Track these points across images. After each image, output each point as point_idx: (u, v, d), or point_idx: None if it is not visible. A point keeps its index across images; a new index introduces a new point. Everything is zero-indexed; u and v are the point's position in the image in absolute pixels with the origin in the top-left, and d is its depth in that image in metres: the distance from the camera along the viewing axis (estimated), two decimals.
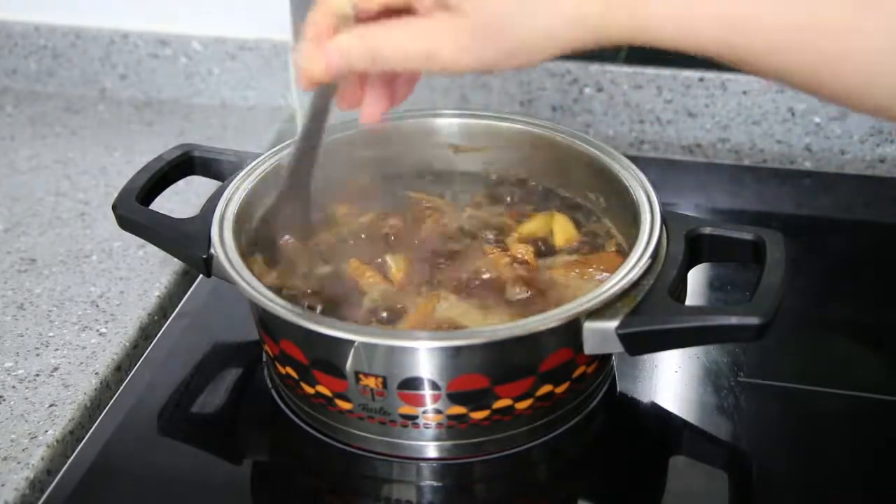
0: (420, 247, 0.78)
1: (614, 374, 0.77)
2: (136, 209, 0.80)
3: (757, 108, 1.05)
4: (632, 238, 0.72)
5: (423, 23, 0.59)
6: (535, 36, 0.58)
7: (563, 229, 0.79)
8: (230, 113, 1.16)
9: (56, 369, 0.79)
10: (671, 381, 0.78)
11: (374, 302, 0.73)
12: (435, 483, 0.71)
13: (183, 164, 0.85)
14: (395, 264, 0.76)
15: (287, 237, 0.77)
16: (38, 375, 0.79)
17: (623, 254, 0.76)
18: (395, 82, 0.67)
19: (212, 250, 0.74)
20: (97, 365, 0.80)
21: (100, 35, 1.17)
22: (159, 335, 0.83)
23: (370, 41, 0.60)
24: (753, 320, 0.65)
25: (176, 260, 0.86)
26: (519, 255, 0.76)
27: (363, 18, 0.61)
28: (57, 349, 0.81)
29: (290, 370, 0.71)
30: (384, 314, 0.72)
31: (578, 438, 0.73)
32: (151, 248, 0.90)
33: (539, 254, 0.77)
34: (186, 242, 0.76)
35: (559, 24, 0.57)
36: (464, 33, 0.58)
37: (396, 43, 0.59)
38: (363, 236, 0.79)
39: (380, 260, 0.76)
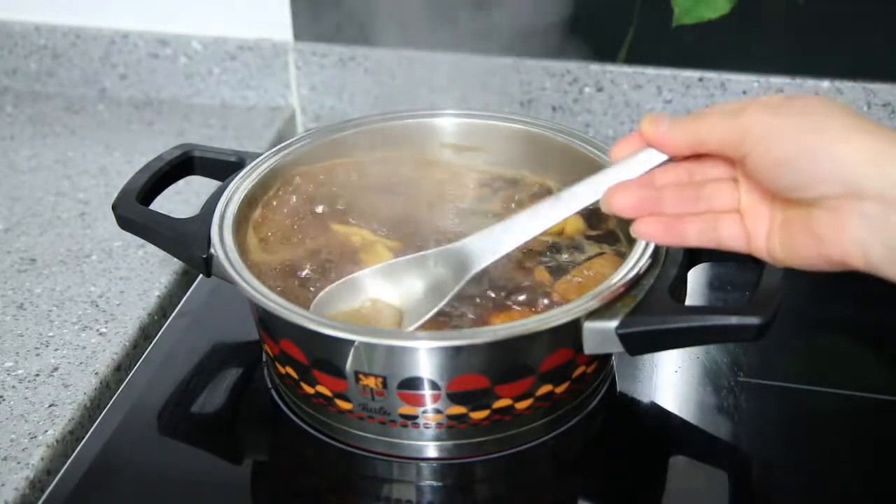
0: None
1: (614, 374, 0.77)
2: (136, 209, 0.80)
3: None
4: (632, 238, 0.72)
5: None
6: None
7: (573, 225, 0.79)
8: (230, 113, 1.16)
9: (56, 369, 0.79)
10: (671, 381, 0.78)
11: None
12: (435, 483, 0.71)
13: (183, 164, 0.85)
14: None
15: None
16: (38, 375, 0.79)
17: (620, 255, 0.76)
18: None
19: (212, 250, 0.74)
20: (97, 365, 0.80)
21: (100, 35, 1.17)
22: (159, 335, 0.83)
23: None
24: (753, 320, 0.65)
25: (176, 260, 0.86)
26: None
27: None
28: (57, 349, 0.81)
29: (290, 370, 0.71)
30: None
31: (578, 438, 0.73)
32: (151, 248, 0.90)
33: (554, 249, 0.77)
34: (186, 242, 0.76)
35: None
36: None
37: None
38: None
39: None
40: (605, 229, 0.79)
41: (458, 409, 0.68)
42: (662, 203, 0.62)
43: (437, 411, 0.68)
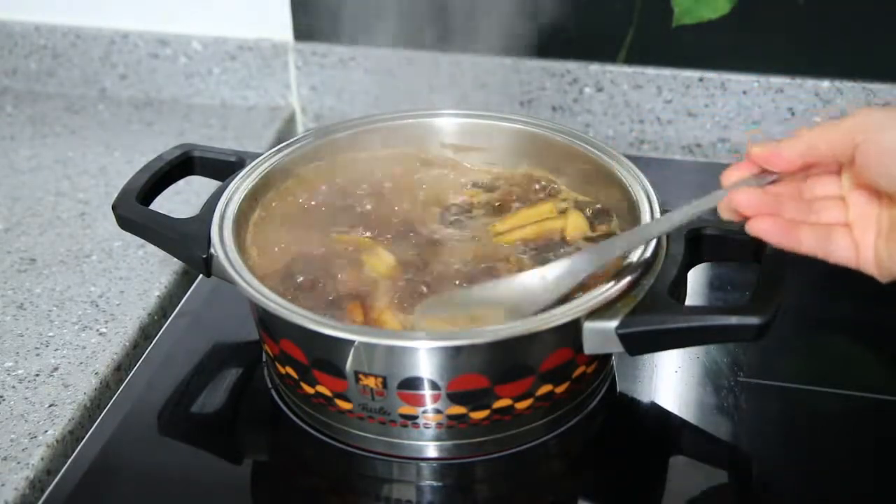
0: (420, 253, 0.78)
1: (614, 374, 0.77)
2: (136, 209, 0.80)
3: (757, 108, 1.05)
4: None
5: None
6: None
7: (575, 224, 0.79)
8: (230, 113, 1.16)
9: (56, 369, 0.79)
10: (671, 381, 0.78)
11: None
12: (435, 483, 0.71)
13: (183, 164, 0.85)
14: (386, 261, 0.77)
15: None
16: (38, 375, 0.79)
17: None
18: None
19: (212, 250, 0.74)
20: (97, 365, 0.80)
21: (100, 35, 1.17)
22: (159, 335, 0.83)
23: None
24: (753, 320, 0.65)
25: (176, 260, 0.86)
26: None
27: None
28: (57, 349, 0.81)
29: (290, 370, 0.71)
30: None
31: (578, 438, 0.73)
32: (151, 248, 0.90)
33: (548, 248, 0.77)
34: (186, 242, 0.76)
35: None
36: None
37: None
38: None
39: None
40: (607, 231, 0.79)
41: (458, 409, 0.68)
42: (782, 207, 0.64)
43: (437, 411, 0.68)
